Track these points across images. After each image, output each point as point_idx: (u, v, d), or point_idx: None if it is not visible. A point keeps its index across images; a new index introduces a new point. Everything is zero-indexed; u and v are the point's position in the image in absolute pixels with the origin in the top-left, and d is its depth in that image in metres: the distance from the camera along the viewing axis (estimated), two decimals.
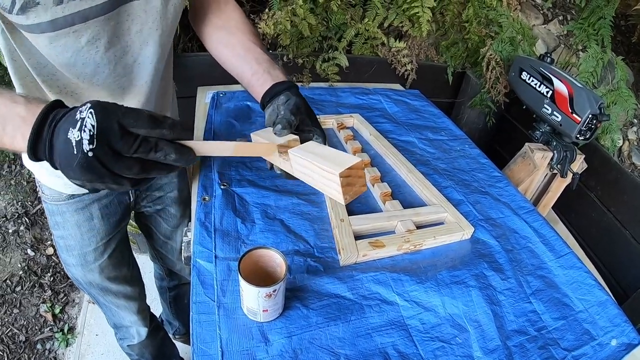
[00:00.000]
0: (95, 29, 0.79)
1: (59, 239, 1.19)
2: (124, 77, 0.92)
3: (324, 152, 0.75)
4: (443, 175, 1.37)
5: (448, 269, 1.03)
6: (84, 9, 0.74)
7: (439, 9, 2.32)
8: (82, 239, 1.17)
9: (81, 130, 0.57)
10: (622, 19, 2.75)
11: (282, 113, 0.86)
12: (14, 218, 2.34)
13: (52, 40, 0.76)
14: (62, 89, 0.88)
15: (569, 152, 1.70)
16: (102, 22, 0.79)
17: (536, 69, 1.75)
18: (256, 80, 0.97)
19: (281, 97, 0.90)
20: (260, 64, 0.98)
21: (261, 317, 0.83)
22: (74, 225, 1.15)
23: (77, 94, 0.90)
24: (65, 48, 0.78)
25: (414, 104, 1.82)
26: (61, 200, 1.11)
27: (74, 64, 0.82)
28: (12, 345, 2.00)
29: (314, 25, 2.00)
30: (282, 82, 0.94)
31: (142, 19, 0.86)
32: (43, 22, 0.72)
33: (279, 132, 0.82)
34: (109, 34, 0.82)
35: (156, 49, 0.93)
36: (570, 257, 1.12)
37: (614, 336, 0.94)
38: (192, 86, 1.77)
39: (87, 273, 1.23)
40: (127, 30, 0.85)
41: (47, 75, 0.85)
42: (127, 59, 0.90)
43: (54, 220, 1.16)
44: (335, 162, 0.71)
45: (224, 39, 1.03)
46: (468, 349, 0.87)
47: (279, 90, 0.92)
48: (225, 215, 1.08)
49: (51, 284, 2.25)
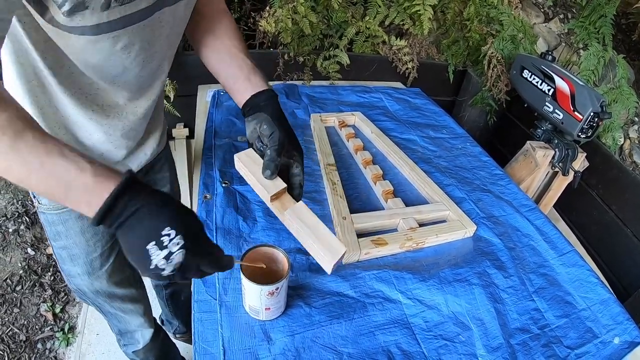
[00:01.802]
0: (132, 35, 0.79)
1: (61, 249, 1.13)
2: (145, 79, 0.93)
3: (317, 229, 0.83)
4: (445, 173, 1.37)
5: (451, 266, 1.03)
6: (126, 15, 0.74)
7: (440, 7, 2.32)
8: (88, 245, 1.13)
9: (167, 260, 0.64)
10: (622, 17, 2.75)
11: (269, 154, 0.87)
12: (14, 217, 2.33)
13: (90, 43, 0.75)
14: (79, 90, 0.87)
15: (570, 150, 1.70)
16: (138, 29, 0.79)
17: (537, 67, 1.75)
18: (238, 88, 0.98)
19: (264, 125, 0.91)
20: (242, 69, 0.99)
21: (263, 315, 0.83)
22: (78, 232, 1.10)
23: (92, 95, 0.89)
24: (100, 51, 0.78)
25: (415, 102, 1.82)
26: (62, 208, 1.06)
27: (102, 66, 0.82)
28: (13, 345, 1.99)
29: (315, 23, 1.99)
30: (262, 92, 0.95)
31: (171, 23, 0.87)
32: (87, 26, 0.71)
33: (268, 177, 0.85)
34: (142, 40, 0.82)
35: (174, 50, 0.96)
36: (572, 255, 1.12)
37: (617, 334, 0.94)
38: (192, 85, 1.77)
39: (94, 281, 1.19)
40: (159, 36, 0.86)
41: (65, 76, 0.84)
42: (154, 63, 0.91)
43: (55, 230, 1.10)
44: (330, 249, 0.80)
45: (210, 43, 1.04)
46: (471, 347, 0.86)
47: (259, 103, 0.94)
48: (227, 213, 1.08)
49: (52, 283, 2.24)
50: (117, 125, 0.97)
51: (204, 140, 1.37)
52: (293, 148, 0.92)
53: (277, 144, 0.88)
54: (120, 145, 1.00)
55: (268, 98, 0.95)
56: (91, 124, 0.93)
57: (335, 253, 0.79)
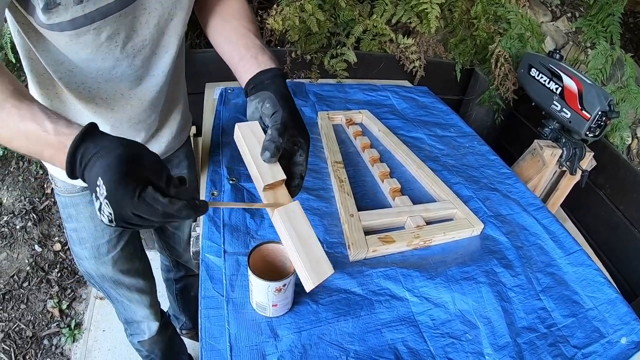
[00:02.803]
0: (114, 24, 0.80)
1: (72, 231, 1.19)
2: (141, 69, 0.93)
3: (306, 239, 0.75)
4: (452, 171, 1.36)
5: (458, 265, 1.02)
6: (103, 6, 0.75)
7: (447, 5, 2.31)
8: (96, 230, 1.17)
9: (101, 212, 0.62)
10: (630, 16, 2.73)
11: (270, 134, 0.78)
12: (22, 214, 2.35)
13: (72, 38, 0.77)
14: (79, 85, 0.89)
15: (578, 149, 1.69)
16: (120, 17, 0.79)
17: (545, 66, 1.74)
18: (243, 66, 0.92)
19: (267, 104, 0.83)
20: (249, 49, 0.93)
21: (270, 312, 0.83)
22: (88, 218, 1.16)
23: (94, 89, 0.91)
24: (86, 45, 0.79)
25: (423, 101, 1.82)
26: (75, 192, 1.12)
27: (94, 60, 0.83)
28: (19, 341, 2.00)
29: (322, 21, 1.99)
30: (268, 70, 0.89)
31: (159, 11, 0.86)
32: (64, 22, 0.73)
33: (267, 160, 0.77)
34: (126, 28, 0.83)
35: (172, 39, 0.94)
36: (579, 255, 1.12)
37: (624, 334, 0.94)
38: (200, 82, 1.77)
39: (100, 266, 1.23)
40: (146, 23, 0.86)
41: (64, 73, 0.86)
42: (146, 51, 0.91)
43: (67, 212, 1.16)
44: (315, 269, 0.73)
45: (219, 26, 1.02)
46: (478, 346, 0.86)
47: (264, 80, 0.87)
48: (234, 210, 1.08)
49: (58, 279, 2.26)
50: (123, 117, 0.99)
51: (212, 137, 1.37)
52: (298, 132, 0.83)
53: (280, 124, 0.79)
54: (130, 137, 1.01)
55: (274, 76, 0.87)
56: (96, 117, 0.94)
57: (321, 274, 0.73)
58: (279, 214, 0.76)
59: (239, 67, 0.93)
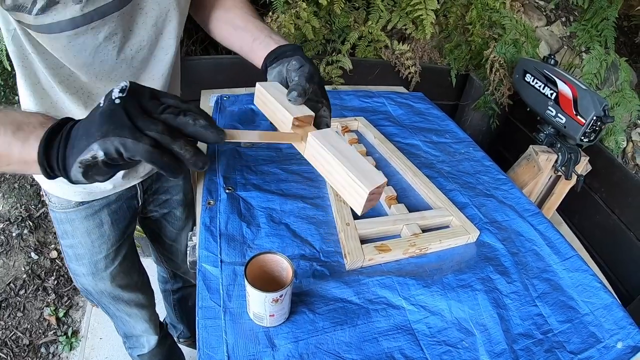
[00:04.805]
0: (112, 24, 0.80)
1: (68, 248, 1.17)
2: (140, 70, 0.94)
3: (349, 154, 0.67)
4: (448, 178, 1.37)
5: (454, 272, 1.03)
6: (102, 5, 0.76)
7: (442, 11, 2.32)
8: (93, 246, 1.16)
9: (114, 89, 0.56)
10: (625, 20, 2.74)
11: (297, 79, 0.77)
12: (18, 221, 2.34)
13: (70, 39, 0.77)
14: (79, 89, 0.89)
15: (573, 154, 1.70)
16: (118, 17, 0.80)
17: (540, 71, 1.75)
18: (258, 45, 0.92)
19: (293, 61, 0.82)
20: (262, 30, 0.95)
21: (268, 322, 0.83)
22: (84, 233, 1.14)
23: (94, 94, 0.91)
24: (84, 46, 0.79)
25: (418, 107, 1.82)
26: (70, 207, 1.10)
27: (92, 62, 0.83)
28: (16, 349, 2.00)
29: (318, 28, 2.00)
30: (287, 45, 0.90)
31: (156, 11, 0.87)
32: (63, 21, 0.73)
33: (294, 99, 0.74)
34: (124, 28, 0.83)
35: (170, 41, 0.94)
36: (575, 260, 1.12)
37: (620, 339, 0.94)
38: (195, 89, 1.77)
39: (98, 282, 1.21)
40: (143, 24, 0.86)
41: (64, 76, 0.86)
42: (144, 52, 0.91)
43: (63, 229, 1.14)
44: (366, 176, 0.64)
45: (221, 17, 1.02)
46: (475, 353, 0.87)
47: (286, 51, 0.87)
48: (231, 219, 1.08)
49: (55, 287, 2.25)
50: None
51: (207, 146, 1.37)
52: (322, 93, 0.82)
53: (307, 73, 0.78)
54: None
55: (295, 48, 0.88)
56: None
57: (375, 181, 0.64)
58: (314, 136, 0.68)
59: (254, 45, 0.93)
